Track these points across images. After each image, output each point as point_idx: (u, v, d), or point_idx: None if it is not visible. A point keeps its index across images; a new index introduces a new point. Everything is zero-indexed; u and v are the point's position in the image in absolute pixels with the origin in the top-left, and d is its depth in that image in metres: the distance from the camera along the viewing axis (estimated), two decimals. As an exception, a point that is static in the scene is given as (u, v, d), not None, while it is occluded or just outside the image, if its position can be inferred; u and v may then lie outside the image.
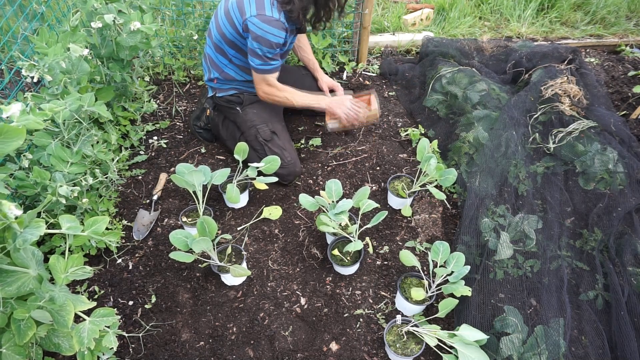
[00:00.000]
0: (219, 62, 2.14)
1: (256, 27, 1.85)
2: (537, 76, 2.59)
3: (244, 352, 1.63)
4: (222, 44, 2.05)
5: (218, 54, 2.12)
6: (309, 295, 1.81)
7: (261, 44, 1.88)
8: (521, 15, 3.62)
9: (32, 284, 1.10)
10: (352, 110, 2.21)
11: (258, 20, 1.84)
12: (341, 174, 2.32)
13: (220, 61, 2.13)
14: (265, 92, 2.12)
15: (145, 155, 2.37)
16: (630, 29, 3.51)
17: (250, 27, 1.86)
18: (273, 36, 1.87)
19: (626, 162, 2.08)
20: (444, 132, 2.47)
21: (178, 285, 1.83)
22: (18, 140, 1.01)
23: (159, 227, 2.05)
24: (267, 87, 2.10)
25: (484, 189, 2.03)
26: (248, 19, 1.85)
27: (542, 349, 1.49)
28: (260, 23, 1.84)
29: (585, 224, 1.96)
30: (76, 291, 1.79)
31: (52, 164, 1.65)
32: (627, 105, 2.68)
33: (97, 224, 1.18)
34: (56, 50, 1.73)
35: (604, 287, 1.74)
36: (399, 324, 1.63)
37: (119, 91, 2.35)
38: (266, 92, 2.12)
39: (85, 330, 1.21)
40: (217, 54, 2.12)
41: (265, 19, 1.83)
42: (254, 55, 1.95)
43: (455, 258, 1.66)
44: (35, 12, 2.20)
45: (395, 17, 3.44)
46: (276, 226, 2.07)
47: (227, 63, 2.12)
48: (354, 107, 2.22)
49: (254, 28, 1.85)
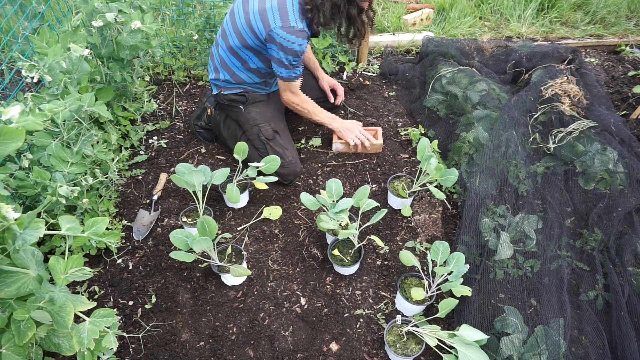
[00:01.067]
0: (232, 65, 2.13)
1: (282, 39, 1.86)
2: (537, 76, 2.59)
3: (244, 352, 1.63)
4: (242, 49, 2.04)
5: (232, 57, 2.10)
6: (309, 295, 1.81)
7: (287, 53, 1.91)
8: (521, 15, 3.62)
9: (32, 284, 1.10)
10: (359, 139, 2.31)
11: (284, 32, 1.85)
12: (341, 174, 2.32)
13: (233, 64, 2.12)
14: (289, 99, 2.19)
15: (145, 155, 2.37)
16: (630, 29, 3.51)
17: (277, 38, 1.87)
18: (298, 46, 1.90)
19: (626, 162, 2.08)
20: (444, 132, 2.47)
21: (178, 285, 1.83)
22: (17, 142, 1.01)
23: (159, 227, 2.05)
24: (291, 95, 2.17)
25: (484, 189, 2.03)
26: (273, 30, 1.86)
27: (542, 349, 1.49)
28: (286, 35, 1.85)
29: (585, 224, 1.96)
30: (76, 291, 1.79)
31: (52, 164, 1.65)
32: (627, 105, 2.68)
33: (97, 225, 1.18)
34: (56, 51, 1.73)
35: (604, 287, 1.74)
36: (399, 324, 1.63)
37: (119, 91, 2.35)
38: (290, 99, 2.19)
39: (85, 330, 1.21)
40: (231, 56, 2.10)
41: (290, 31, 1.85)
42: (280, 65, 1.98)
43: (455, 258, 1.66)
44: (36, 12, 2.20)
45: (395, 17, 3.44)
46: (276, 226, 2.07)
47: (240, 66, 2.12)
48: (362, 135, 2.31)
49: (280, 40, 1.87)
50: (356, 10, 1.91)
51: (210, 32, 2.90)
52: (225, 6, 2.80)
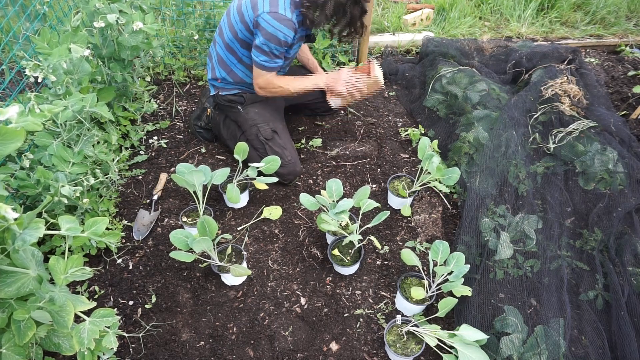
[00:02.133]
0: (228, 61, 2.13)
1: (267, 24, 1.85)
2: (537, 76, 2.59)
3: (244, 352, 1.64)
4: (234, 42, 2.05)
5: (228, 53, 2.10)
6: (309, 295, 1.81)
7: (270, 40, 1.89)
8: (521, 15, 3.62)
9: (32, 284, 1.10)
10: (350, 81, 2.17)
11: (270, 17, 1.84)
12: (341, 174, 2.32)
13: (229, 60, 2.12)
14: (261, 85, 2.09)
15: (145, 155, 2.37)
16: (630, 29, 3.51)
17: (262, 23, 1.86)
18: (282, 34, 1.88)
19: (626, 162, 2.08)
20: (444, 132, 2.47)
21: (178, 285, 1.84)
22: (17, 142, 1.01)
23: (159, 227, 2.05)
24: (264, 81, 2.07)
25: (484, 189, 2.03)
26: (260, 14, 1.85)
27: (542, 349, 1.49)
28: (271, 20, 1.85)
29: (585, 224, 1.96)
30: (76, 291, 1.80)
31: (53, 164, 1.65)
32: (627, 105, 2.68)
33: (96, 225, 1.18)
34: (60, 51, 1.73)
35: (604, 287, 1.74)
36: (399, 324, 1.63)
37: (120, 91, 2.35)
38: (262, 85, 2.09)
39: (85, 330, 1.21)
40: (227, 52, 2.10)
41: (277, 17, 1.84)
42: (261, 51, 1.95)
43: (455, 258, 1.66)
44: (37, 12, 2.21)
45: (395, 17, 3.44)
46: (276, 226, 2.07)
47: (236, 62, 2.12)
48: (352, 78, 2.18)
49: (265, 24, 1.86)
50: (359, 12, 1.91)
51: (210, 32, 2.90)
52: (225, 6, 2.81)
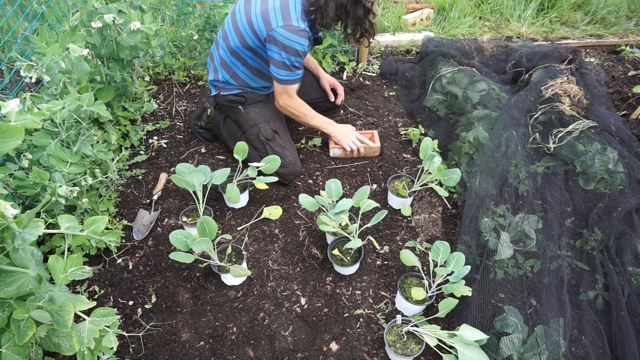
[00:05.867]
0: (232, 65, 2.12)
1: (284, 38, 1.86)
2: (537, 76, 2.59)
3: (244, 352, 1.63)
4: (242, 49, 2.04)
5: (232, 57, 2.09)
6: (309, 295, 1.81)
7: (289, 53, 1.90)
8: (521, 15, 3.62)
9: (31, 284, 1.10)
10: (356, 144, 2.30)
11: (285, 31, 1.85)
12: (341, 174, 2.32)
13: (233, 63, 2.11)
14: (285, 103, 2.14)
15: (145, 155, 2.37)
16: (630, 29, 3.51)
17: (278, 38, 1.86)
18: (300, 45, 1.89)
19: (626, 162, 2.08)
20: (444, 132, 2.47)
21: (178, 285, 1.83)
22: (17, 140, 1.01)
23: (159, 227, 2.05)
24: (288, 99, 2.13)
25: (484, 189, 2.03)
26: (274, 29, 1.85)
27: (542, 349, 1.48)
28: (287, 33, 1.85)
29: (585, 224, 1.96)
30: (76, 291, 1.79)
31: (51, 164, 1.65)
32: (627, 105, 2.68)
33: (96, 224, 1.18)
34: (54, 50, 1.73)
35: (604, 287, 1.74)
36: (399, 324, 1.63)
37: (119, 91, 2.35)
38: (286, 103, 2.14)
39: (85, 330, 1.21)
40: (231, 56, 2.09)
41: (292, 29, 1.85)
42: (282, 66, 1.95)
43: (455, 258, 1.65)
44: (36, 12, 2.20)
45: (395, 17, 3.44)
46: (276, 226, 2.07)
47: (240, 65, 2.11)
48: (358, 140, 2.30)
49: (282, 39, 1.86)
50: (362, 11, 1.91)
51: (210, 32, 2.90)
52: (226, 6, 2.80)
